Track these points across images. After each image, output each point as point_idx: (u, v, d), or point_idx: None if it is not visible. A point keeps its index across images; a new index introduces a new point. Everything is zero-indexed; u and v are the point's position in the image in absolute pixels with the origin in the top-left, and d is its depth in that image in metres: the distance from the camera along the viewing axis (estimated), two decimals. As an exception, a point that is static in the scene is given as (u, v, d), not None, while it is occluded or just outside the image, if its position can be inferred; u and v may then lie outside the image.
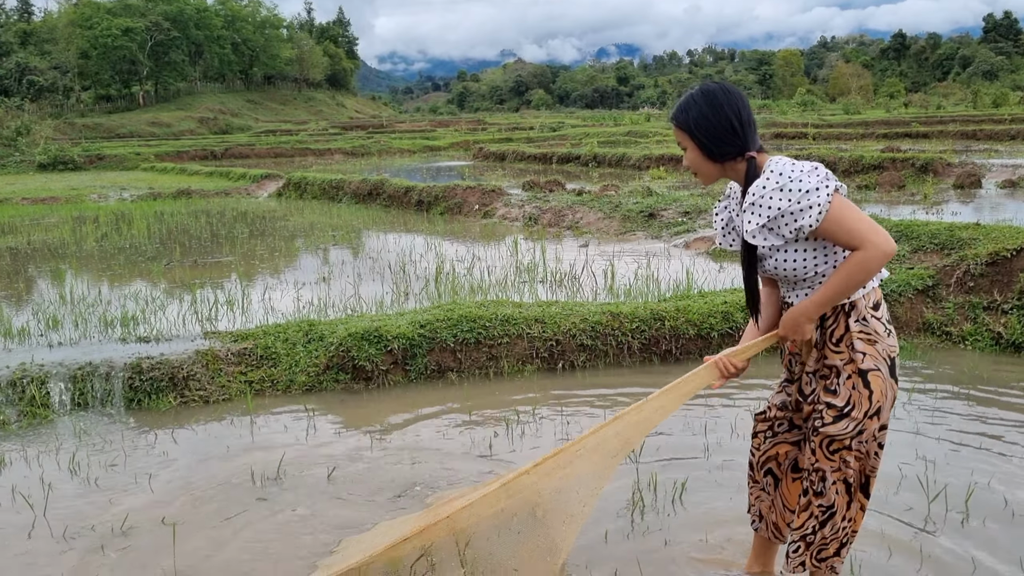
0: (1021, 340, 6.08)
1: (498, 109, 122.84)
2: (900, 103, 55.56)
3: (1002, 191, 14.41)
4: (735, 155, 2.64)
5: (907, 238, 7.71)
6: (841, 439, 2.65)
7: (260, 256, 10.94)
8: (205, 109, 78.05)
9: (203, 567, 3.41)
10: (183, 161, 33.37)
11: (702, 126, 2.64)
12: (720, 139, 2.63)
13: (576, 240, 11.50)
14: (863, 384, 2.60)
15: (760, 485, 3.03)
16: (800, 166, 2.56)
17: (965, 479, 3.95)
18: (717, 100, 2.63)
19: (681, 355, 6.08)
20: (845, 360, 2.62)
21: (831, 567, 2.81)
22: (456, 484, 4.12)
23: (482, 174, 23.22)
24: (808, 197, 2.50)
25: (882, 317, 2.65)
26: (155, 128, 65.46)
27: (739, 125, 2.62)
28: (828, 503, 2.72)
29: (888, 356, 2.62)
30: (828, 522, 2.74)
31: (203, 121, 70.79)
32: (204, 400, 5.42)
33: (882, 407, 2.63)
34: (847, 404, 2.61)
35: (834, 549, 2.78)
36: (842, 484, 2.70)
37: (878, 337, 2.62)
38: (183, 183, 22.77)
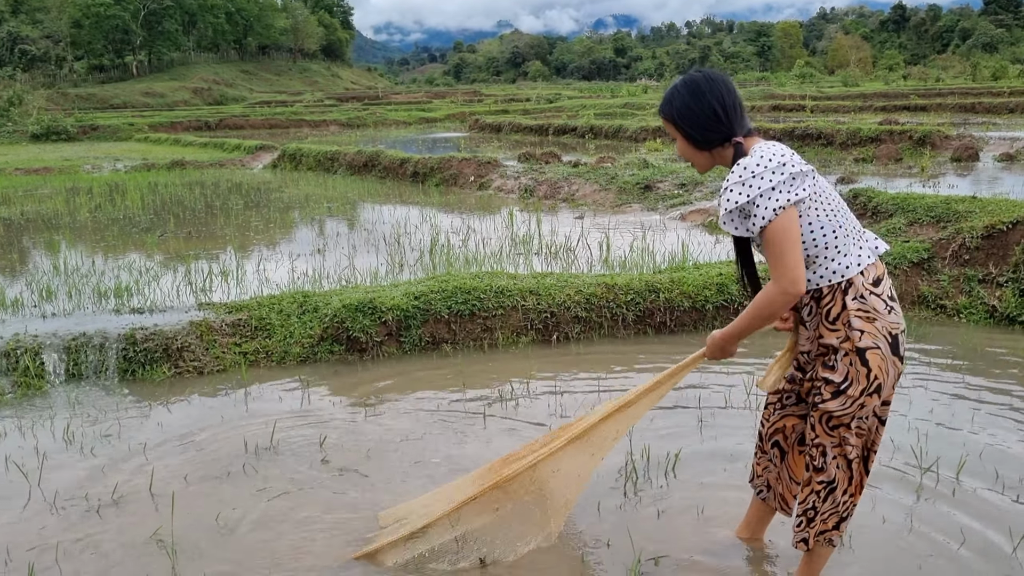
0: (1015, 313, 6.09)
1: (494, 80, 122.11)
2: (899, 75, 55.29)
3: (1000, 164, 14.37)
4: (721, 141, 2.65)
5: (903, 211, 7.70)
6: (840, 416, 2.64)
7: (255, 228, 10.90)
8: (199, 79, 77.46)
9: (196, 535, 3.42)
10: (177, 132, 33.18)
11: (686, 116, 2.67)
12: (704, 127, 2.65)
13: (572, 212, 11.47)
14: (861, 362, 2.58)
15: (768, 456, 3.04)
16: (766, 161, 2.54)
17: (957, 451, 3.97)
18: (700, 89, 2.65)
19: (675, 327, 6.08)
20: (841, 338, 2.60)
21: (829, 540, 2.82)
22: (450, 457, 4.13)
23: (478, 146, 23.11)
24: (759, 201, 2.51)
25: (883, 294, 2.61)
26: (149, 98, 65.01)
27: (723, 112, 2.63)
28: (829, 478, 2.73)
29: (889, 333, 2.59)
30: (829, 497, 2.75)
31: (197, 91, 70.30)
32: (198, 371, 5.42)
33: (882, 384, 2.60)
34: (844, 381, 2.60)
35: (833, 523, 2.79)
36: (843, 459, 2.70)
37: (877, 314, 2.59)
38: (177, 154, 22.64)
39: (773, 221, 2.50)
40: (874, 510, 3.48)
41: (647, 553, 3.21)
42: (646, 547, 3.26)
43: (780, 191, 2.50)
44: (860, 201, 8.47)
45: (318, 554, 3.28)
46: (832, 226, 2.59)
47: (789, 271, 2.50)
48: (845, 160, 15.49)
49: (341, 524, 3.49)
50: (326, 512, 3.60)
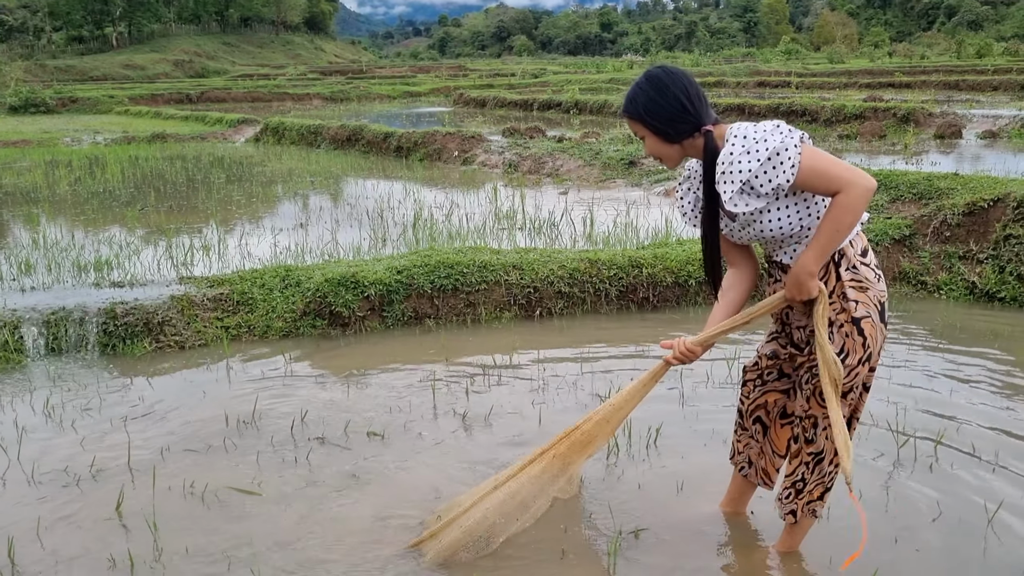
0: (995, 290, 6.14)
1: (479, 55, 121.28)
2: (884, 52, 55.25)
3: (982, 142, 14.44)
4: (691, 132, 2.63)
5: (886, 188, 7.72)
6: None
7: (237, 202, 10.81)
8: (180, 52, 76.50)
9: (176, 509, 3.42)
10: (158, 105, 32.78)
11: (652, 111, 2.64)
12: (673, 119, 2.62)
13: (556, 187, 11.44)
14: (857, 332, 2.62)
15: (749, 432, 3.06)
16: (762, 126, 2.55)
17: (935, 425, 4.01)
18: (662, 82, 2.63)
19: (658, 302, 6.09)
20: (837, 310, 2.63)
21: (812, 511, 2.87)
22: (433, 431, 4.14)
23: (462, 120, 22.98)
24: (778, 155, 2.48)
25: (871, 263, 2.65)
26: (129, 71, 64.20)
27: (688, 102, 2.61)
28: (818, 450, 2.77)
29: (879, 301, 2.64)
30: (816, 468, 2.80)
31: (178, 64, 69.47)
32: (180, 346, 5.39)
33: (872, 352, 2.66)
34: (841, 352, 2.64)
35: (818, 493, 2.84)
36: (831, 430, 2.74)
37: (869, 284, 2.62)
38: (158, 127, 22.38)
39: (802, 160, 2.47)
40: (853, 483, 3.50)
41: (628, 527, 3.23)
42: (627, 521, 3.28)
43: (791, 138, 2.49)
44: (843, 178, 8.48)
45: (297, 527, 3.28)
46: (820, 198, 2.61)
47: (850, 174, 2.46)
48: (829, 137, 15.51)
49: (321, 498, 3.50)
50: (307, 486, 3.60)
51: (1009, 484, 3.52)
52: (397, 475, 3.67)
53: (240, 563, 3.07)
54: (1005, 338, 5.38)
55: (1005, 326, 5.60)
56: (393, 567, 3.01)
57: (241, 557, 3.10)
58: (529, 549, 3.12)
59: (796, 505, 2.87)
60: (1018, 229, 6.20)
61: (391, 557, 3.07)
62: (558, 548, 3.12)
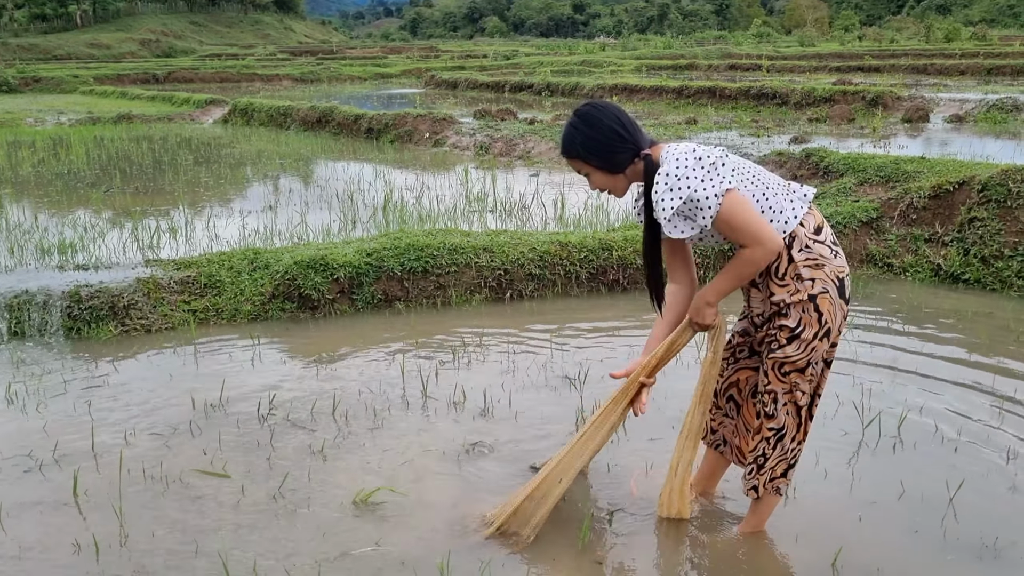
0: (959, 272, 6.22)
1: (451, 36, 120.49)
2: (855, 36, 55.54)
3: (949, 125, 14.58)
4: (632, 159, 2.71)
5: (854, 171, 7.79)
6: (794, 361, 2.72)
7: (204, 184, 10.68)
8: (146, 31, 75.23)
9: (143, 493, 3.39)
10: (124, 85, 32.24)
11: (591, 147, 2.71)
12: (613, 150, 2.70)
13: (527, 169, 11.41)
14: (813, 308, 2.67)
15: (723, 411, 3.10)
16: (684, 161, 2.61)
17: (899, 406, 4.06)
18: (595, 117, 2.72)
19: (629, 284, 6.11)
20: (792, 292, 2.67)
21: (776, 488, 2.92)
22: (396, 415, 4.13)
23: (434, 102, 22.84)
24: (695, 200, 2.59)
25: (826, 240, 2.70)
26: (94, 50, 63.07)
27: (624, 130, 2.70)
28: (779, 425, 2.82)
29: (836, 277, 2.68)
30: (778, 444, 2.84)
31: (145, 43, 68.32)
32: (146, 329, 5.32)
33: (831, 328, 2.70)
34: (798, 326, 2.68)
35: (781, 470, 2.89)
36: (792, 406, 2.79)
37: (824, 260, 2.67)
38: (124, 107, 22.03)
39: (722, 206, 2.59)
40: (817, 464, 3.55)
41: (600, 508, 3.25)
42: (599, 502, 3.30)
43: (712, 179, 2.59)
44: (812, 161, 8.55)
45: (265, 509, 3.27)
46: (760, 191, 2.68)
47: (763, 233, 2.60)
48: (799, 120, 15.59)
49: (289, 479, 3.48)
50: (275, 468, 3.58)
51: (970, 463, 3.58)
52: (365, 456, 3.66)
53: (208, 546, 3.05)
54: (968, 319, 5.46)
55: (968, 308, 5.67)
56: (359, 547, 3.01)
57: (209, 540, 3.09)
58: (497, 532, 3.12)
59: (758, 481, 2.90)
60: (982, 212, 6.28)
61: (357, 538, 3.06)
62: (527, 529, 3.13)
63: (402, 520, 3.20)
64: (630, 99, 20.60)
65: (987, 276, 6.11)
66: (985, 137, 12.72)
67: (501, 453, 3.73)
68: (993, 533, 3.06)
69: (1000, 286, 6.01)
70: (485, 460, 3.67)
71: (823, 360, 2.78)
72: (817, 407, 2.88)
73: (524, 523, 3.03)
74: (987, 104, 15.50)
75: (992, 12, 73.16)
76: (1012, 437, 3.80)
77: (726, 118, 15.90)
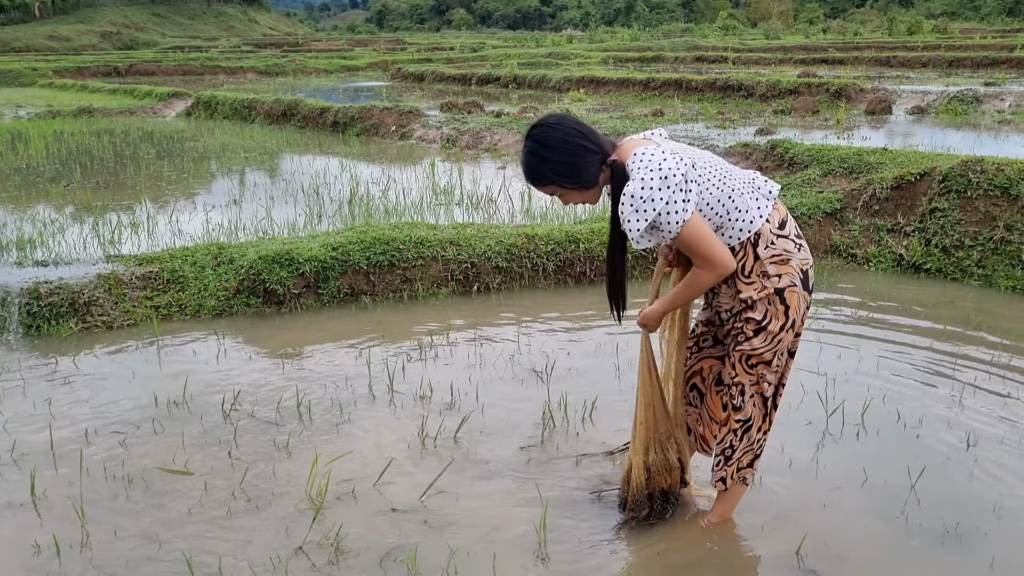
0: (921, 261, 6.30)
1: (418, 29, 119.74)
2: (819, 29, 55.95)
3: (911, 117, 14.76)
4: (600, 166, 2.66)
5: (818, 162, 7.86)
6: (760, 353, 2.74)
7: (167, 178, 10.54)
8: (107, 23, 73.93)
9: (105, 492, 3.34)
10: (84, 78, 31.68)
11: (561, 170, 2.65)
12: (582, 166, 2.64)
13: (494, 162, 11.39)
14: (780, 301, 2.68)
15: (687, 400, 3.10)
16: (650, 182, 2.56)
17: (862, 394, 4.11)
18: (554, 137, 2.64)
19: (595, 276, 6.12)
20: (759, 289, 2.68)
21: (743, 478, 2.94)
22: (362, 409, 4.10)
23: (400, 95, 22.72)
24: (659, 218, 2.59)
25: (790, 234, 2.70)
26: (53, 42, 61.88)
27: (587, 141, 2.64)
28: (746, 416, 2.84)
29: (801, 269, 2.70)
30: (745, 435, 2.87)
31: (105, 36, 67.19)
32: (107, 326, 5.24)
33: (796, 319, 2.72)
34: (764, 318, 2.69)
35: (748, 460, 2.91)
36: (759, 397, 2.82)
37: (789, 255, 2.68)
38: (84, 101, 21.65)
39: (682, 233, 2.60)
40: (782, 453, 3.58)
41: (563, 498, 3.25)
42: (562, 492, 3.30)
43: (676, 201, 2.57)
44: (777, 152, 8.61)
45: (229, 506, 3.23)
46: (726, 193, 2.66)
47: (715, 258, 2.63)
48: (765, 112, 15.70)
49: (253, 475, 3.44)
50: (238, 463, 3.54)
51: (931, 450, 3.63)
52: (330, 450, 3.63)
53: (171, 543, 3.01)
54: (930, 309, 5.54)
55: (930, 297, 5.75)
56: (322, 540, 2.98)
57: (172, 537, 3.05)
58: (467, 521, 3.12)
59: (726, 472, 2.93)
60: (943, 203, 6.37)
61: (321, 531, 3.04)
62: (494, 522, 3.13)
63: (367, 512, 3.19)
64: (597, 91, 20.63)
65: (948, 266, 6.19)
66: (946, 129, 12.90)
67: (467, 446, 3.72)
68: (954, 519, 3.10)
69: (961, 275, 6.10)
70: (451, 452, 3.65)
71: (788, 350, 2.80)
72: (781, 396, 2.90)
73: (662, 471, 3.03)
74: (948, 96, 15.72)
75: (953, 5, 74.12)
76: (972, 423, 3.86)
77: (692, 110, 15.97)
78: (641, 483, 3.01)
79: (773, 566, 2.90)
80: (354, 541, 3.02)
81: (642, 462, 2.98)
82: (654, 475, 3.00)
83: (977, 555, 2.92)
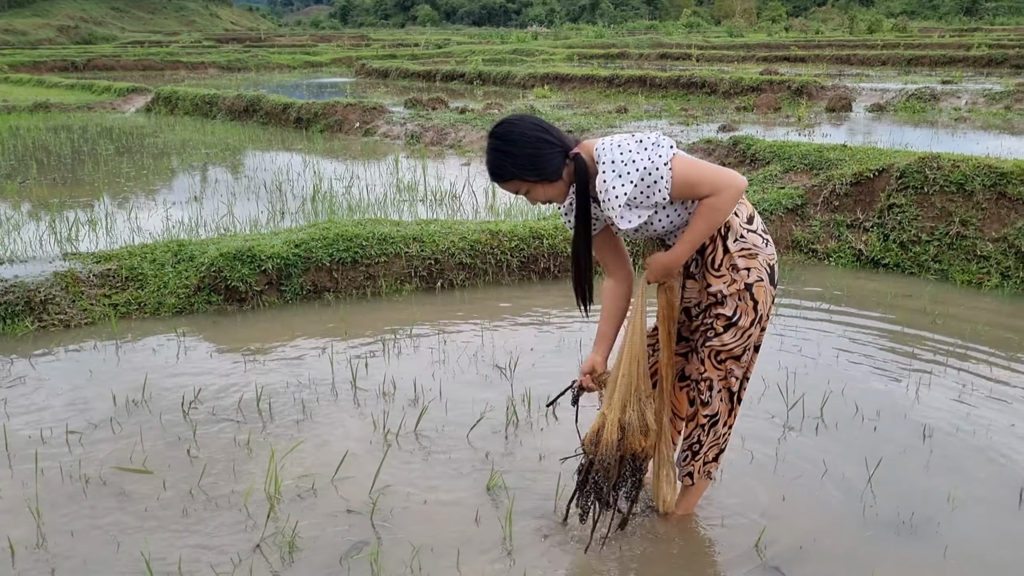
0: (879, 256, 6.40)
1: (383, 25, 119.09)
2: (781, 27, 56.56)
3: (870, 114, 14.97)
4: (564, 160, 2.65)
5: (780, 159, 7.94)
6: (730, 349, 2.77)
7: (126, 174, 10.38)
8: (65, 16, 72.62)
9: (61, 492, 3.28)
10: (40, 72, 31.06)
11: (522, 162, 2.63)
12: (545, 160, 2.63)
13: (458, 159, 11.36)
14: (749, 297, 2.71)
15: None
16: (625, 145, 2.59)
17: (822, 387, 4.16)
18: (514, 133, 2.64)
19: (559, 272, 6.13)
20: (728, 283, 2.70)
21: (708, 473, 2.98)
22: (325, 406, 4.08)
23: (364, 91, 22.58)
24: (649, 174, 2.56)
25: (758, 229, 2.74)
26: (8, 36, 60.62)
27: (548, 134, 2.64)
28: (713, 412, 2.87)
29: (768, 265, 2.73)
30: (712, 430, 2.89)
31: (63, 30, 65.99)
32: (64, 324, 5.15)
33: (763, 314, 2.75)
34: (735, 314, 2.71)
35: (713, 455, 2.95)
36: (726, 392, 2.85)
37: (758, 249, 2.71)
38: (41, 96, 21.24)
39: (674, 171, 2.56)
40: (744, 446, 3.62)
41: (528, 495, 3.26)
42: (528, 491, 3.31)
43: (657, 154, 2.56)
44: (740, 149, 8.69)
45: (188, 504, 3.19)
46: None
47: (721, 178, 2.56)
48: (728, 108, 15.84)
49: (216, 474, 3.41)
50: (198, 462, 3.50)
51: (888, 441, 3.69)
52: (291, 447, 3.60)
53: (129, 543, 2.97)
54: (888, 303, 5.62)
55: (888, 291, 5.84)
56: (282, 537, 2.96)
57: (131, 537, 3.01)
58: (433, 521, 3.11)
59: (693, 467, 2.96)
60: (901, 199, 6.47)
61: (281, 528, 3.01)
62: (458, 520, 3.13)
63: (327, 509, 3.17)
64: (561, 88, 20.67)
65: (905, 260, 6.29)
66: (904, 126, 13.10)
67: (431, 441, 3.71)
68: (910, 509, 3.16)
69: (918, 270, 6.20)
70: (414, 448, 3.64)
71: (754, 345, 2.83)
72: (745, 391, 2.93)
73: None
74: (906, 94, 15.97)
75: (912, 4, 75.29)
76: (928, 416, 3.93)
77: (656, 107, 16.06)
78: (612, 442, 2.78)
79: (734, 558, 2.93)
80: (314, 538, 3.00)
81: (616, 419, 2.78)
82: (628, 436, 2.78)
83: (931, 545, 2.97)
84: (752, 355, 2.87)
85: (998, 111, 14.44)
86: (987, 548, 2.97)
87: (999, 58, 23.99)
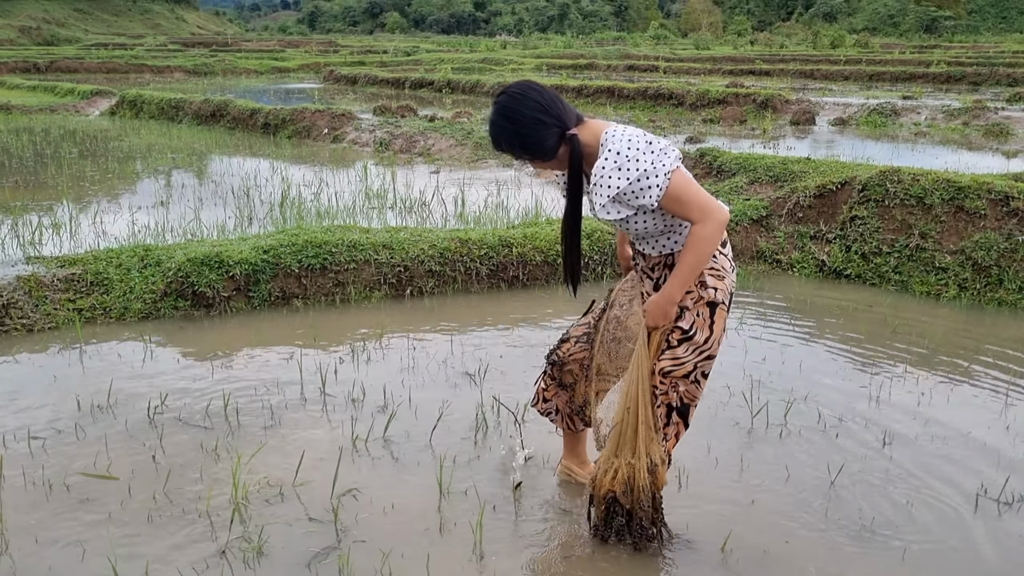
0: (842, 267, 6.52)
1: (351, 31, 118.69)
2: (747, 41, 57.31)
3: (833, 128, 15.24)
4: (560, 140, 2.66)
5: (745, 170, 8.06)
6: (681, 362, 2.79)
7: (91, 178, 10.26)
8: (26, 17, 71.48)
9: (25, 498, 3.25)
10: (1, 74, 30.58)
11: (517, 142, 2.67)
12: (540, 139, 2.65)
13: (427, 166, 11.38)
14: (709, 314, 2.76)
15: (557, 382, 3.20)
16: (636, 141, 2.61)
17: (786, 395, 4.24)
18: (514, 110, 2.64)
19: (528, 281, 6.17)
20: (695, 299, 2.75)
21: None
22: (292, 413, 4.07)
23: (333, 98, 22.51)
24: (647, 178, 2.58)
25: (728, 254, 2.81)
26: (-31, 37, 59.59)
27: (544, 114, 2.63)
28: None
29: (729, 291, 2.80)
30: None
31: (24, 31, 64.96)
32: (27, 329, 5.09)
33: (717, 339, 2.80)
34: (691, 328, 2.76)
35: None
36: (664, 408, 2.86)
37: (725, 273, 2.77)
38: (1, 98, 20.92)
39: (669, 186, 2.58)
40: (709, 453, 3.68)
41: (498, 503, 3.28)
42: (498, 496, 3.33)
43: (661, 161, 2.58)
44: (706, 160, 8.80)
45: (153, 511, 3.18)
46: None
47: (710, 204, 2.60)
48: (694, 120, 16.03)
49: (182, 480, 3.39)
50: (164, 468, 3.48)
51: (850, 448, 3.77)
52: (260, 454, 3.59)
53: (95, 550, 2.95)
54: (849, 313, 5.73)
55: (850, 302, 5.95)
56: (249, 542, 2.95)
57: (96, 544, 2.99)
58: (397, 530, 3.12)
59: None
60: (862, 211, 6.59)
61: (247, 533, 3.01)
62: (425, 525, 3.14)
63: (294, 514, 3.16)
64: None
65: (867, 272, 6.42)
66: (866, 140, 13.35)
67: (399, 447, 3.72)
68: (870, 514, 3.23)
69: (879, 281, 6.33)
70: (382, 454, 3.65)
71: (701, 370, 2.85)
72: (692, 416, 2.92)
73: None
74: (868, 108, 16.27)
75: (875, 21, 76.64)
76: (888, 422, 4.01)
77: (624, 117, 16.20)
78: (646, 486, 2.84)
79: (698, 563, 2.97)
80: (281, 543, 3.00)
81: (644, 465, 2.81)
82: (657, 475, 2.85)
83: (890, 550, 3.04)
84: (699, 382, 2.85)
85: (956, 127, 14.76)
86: (944, 552, 3.04)
87: (957, 75, 24.53)
